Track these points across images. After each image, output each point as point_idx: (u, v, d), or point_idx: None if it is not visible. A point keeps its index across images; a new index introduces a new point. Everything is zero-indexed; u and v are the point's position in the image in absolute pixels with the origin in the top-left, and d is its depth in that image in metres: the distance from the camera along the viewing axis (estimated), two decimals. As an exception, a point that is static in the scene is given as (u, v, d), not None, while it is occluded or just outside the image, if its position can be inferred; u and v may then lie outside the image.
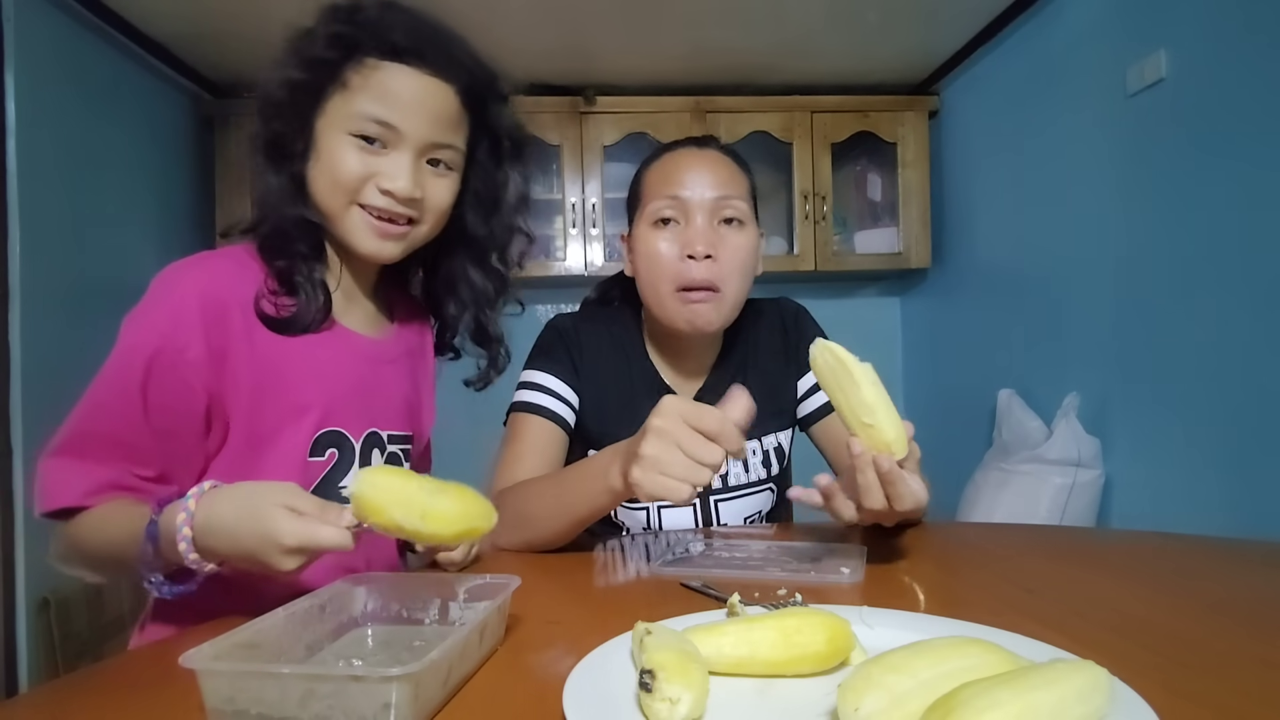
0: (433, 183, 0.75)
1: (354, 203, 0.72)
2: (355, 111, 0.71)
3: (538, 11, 2.03)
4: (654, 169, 0.98)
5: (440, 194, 0.76)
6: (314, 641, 0.51)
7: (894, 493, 0.65)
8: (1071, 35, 1.89)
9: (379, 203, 0.72)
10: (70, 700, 0.49)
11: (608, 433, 0.97)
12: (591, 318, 1.06)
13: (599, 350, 1.01)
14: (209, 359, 0.67)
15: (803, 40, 2.26)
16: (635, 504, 0.99)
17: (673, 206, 0.93)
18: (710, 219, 0.92)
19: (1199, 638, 0.52)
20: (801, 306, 1.09)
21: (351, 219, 0.73)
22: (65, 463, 0.65)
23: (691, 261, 0.91)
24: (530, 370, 0.99)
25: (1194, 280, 1.53)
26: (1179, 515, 1.57)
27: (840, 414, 0.67)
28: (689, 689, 0.39)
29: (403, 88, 0.71)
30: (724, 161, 0.96)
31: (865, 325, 2.85)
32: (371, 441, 0.79)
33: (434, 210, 0.76)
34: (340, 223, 0.73)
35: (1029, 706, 0.34)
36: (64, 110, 1.83)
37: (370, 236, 0.73)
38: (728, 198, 0.93)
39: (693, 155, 0.96)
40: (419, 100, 0.72)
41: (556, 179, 2.49)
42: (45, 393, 1.72)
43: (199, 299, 0.67)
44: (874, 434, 0.64)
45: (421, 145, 0.73)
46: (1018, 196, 2.13)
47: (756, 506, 1.03)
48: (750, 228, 0.95)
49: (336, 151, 0.71)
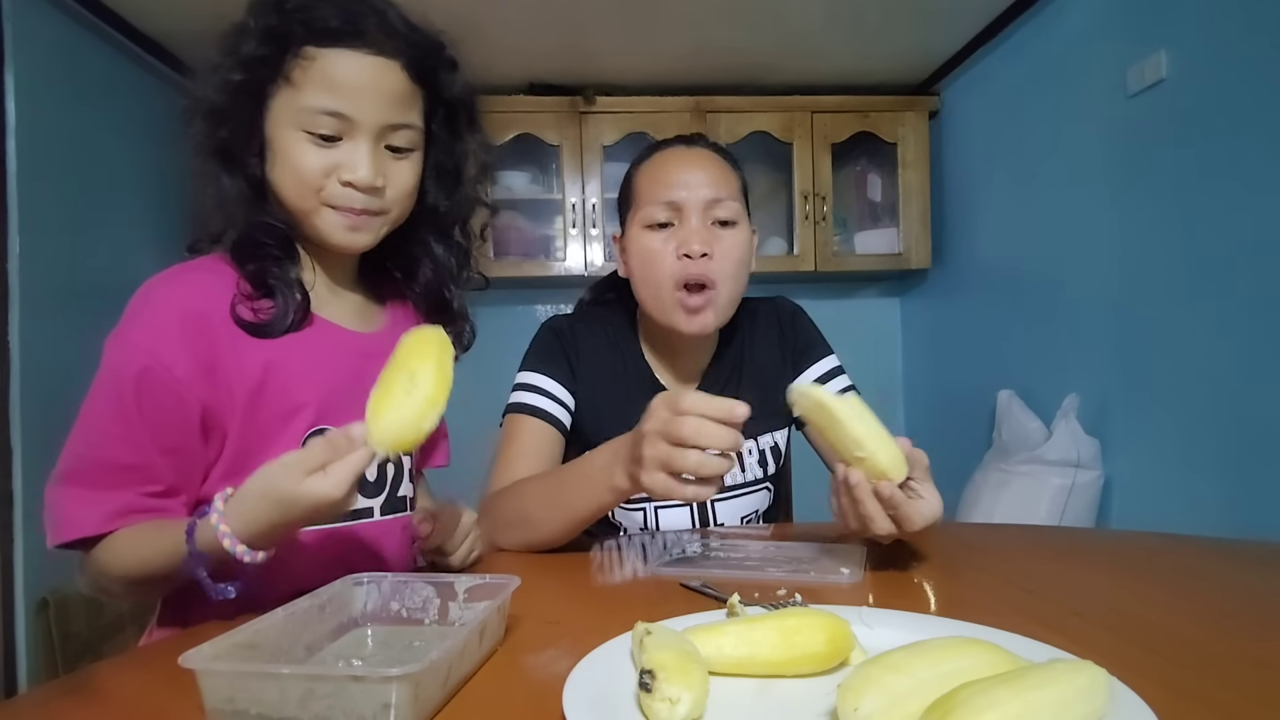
0: (395, 167, 0.73)
1: (324, 204, 0.71)
2: (303, 106, 0.68)
3: (538, 11, 2.03)
4: (645, 170, 0.97)
5: (404, 178, 0.74)
6: (314, 642, 0.51)
7: (900, 515, 0.65)
8: (1071, 35, 1.89)
9: (343, 200, 0.71)
10: (70, 700, 0.49)
11: (604, 433, 0.96)
12: (587, 318, 1.06)
13: (595, 351, 1.01)
14: (198, 372, 0.67)
15: (803, 40, 2.26)
16: (633, 504, 0.99)
17: (667, 210, 0.93)
18: (704, 219, 0.93)
19: (1198, 638, 0.52)
20: (797, 305, 1.10)
21: (322, 216, 0.72)
22: (76, 492, 0.65)
23: (688, 260, 0.91)
24: (526, 372, 0.99)
25: (1194, 281, 1.53)
26: (1178, 516, 1.57)
27: (833, 450, 0.66)
28: (689, 689, 0.39)
29: (347, 73, 0.69)
30: (715, 161, 0.96)
31: (865, 326, 2.85)
32: None
33: (399, 197, 0.75)
34: (310, 221, 0.72)
35: (1028, 706, 0.34)
36: (64, 110, 1.83)
37: (341, 229, 0.72)
38: (721, 199, 0.93)
39: (684, 156, 0.96)
40: (367, 83, 0.69)
41: (556, 179, 2.49)
42: (45, 393, 1.72)
43: (180, 314, 0.67)
44: (868, 465, 0.64)
45: (378, 129, 0.70)
46: (1018, 196, 2.13)
47: (753, 506, 1.03)
48: (743, 226, 0.95)
49: (293, 151, 0.69)
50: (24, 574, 1.67)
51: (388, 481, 0.80)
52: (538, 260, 2.48)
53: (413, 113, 0.74)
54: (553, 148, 2.46)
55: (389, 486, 0.80)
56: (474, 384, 1.38)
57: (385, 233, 0.76)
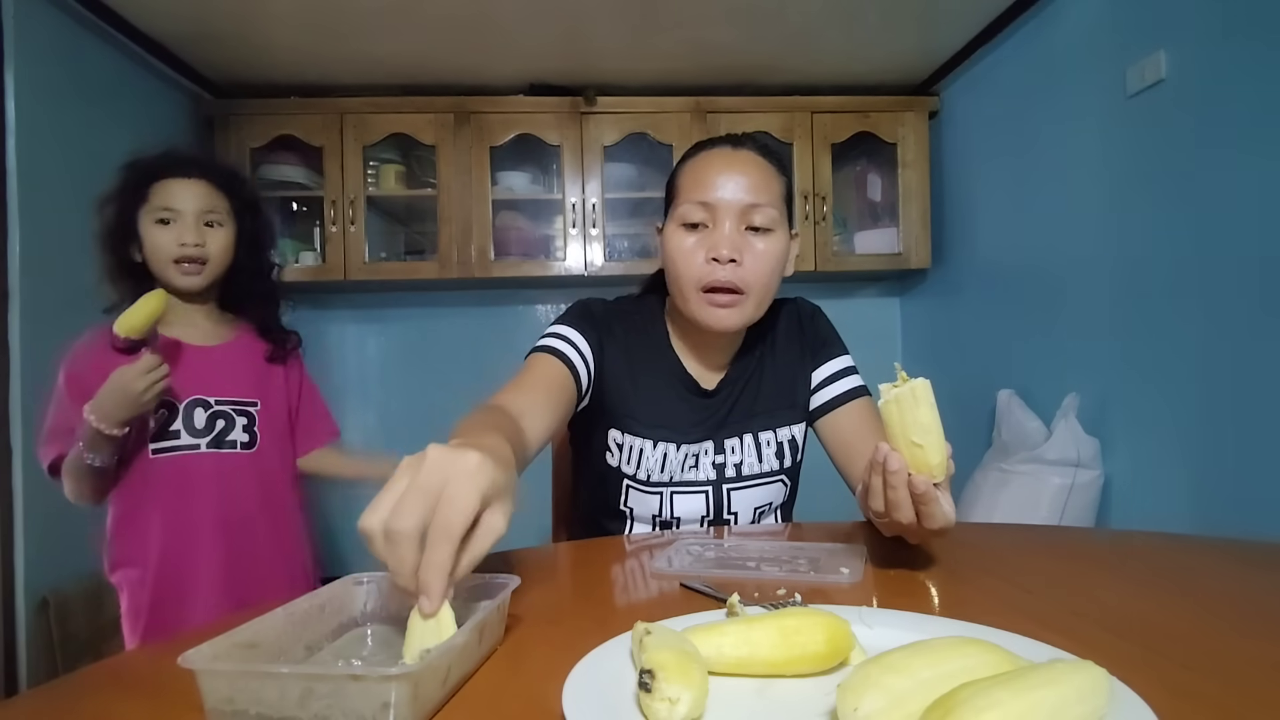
0: (211, 234, 1.23)
1: (170, 260, 1.20)
2: (155, 206, 1.21)
3: (538, 11, 2.03)
4: (688, 167, 0.98)
5: (217, 240, 1.23)
6: (313, 641, 0.51)
7: (926, 512, 0.65)
8: (1071, 35, 1.90)
9: (178, 255, 1.20)
10: (70, 700, 0.49)
11: (629, 413, 0.99)
12: (619, 300, 1.08)
13: (624, 332, 1.02)
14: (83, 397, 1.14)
15: (803, 40, 2.26)
16: (649, 489, 1.00)
17: (701, 211, 0.93)
18: (738, 224, 0.92)
19: (1199, 638, 0.52)
20: (817, 306, 1.12)
21: (168, 271, 1.21)
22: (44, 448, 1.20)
23: (715, 264, 0.91)
24: (552, 326, 0.99)
25: (1193, 281, 1.53)
26: (1179, 515, 1.57)
27: (889, 430, 0.66)
28: (689, 689, 0.38)
29: (179, 189, 1.22)
30: (757, 165, 0.95)
31: (865, 325, 2.85)
32: (194, 404, 1.22)
33: (216, 254, 1.23)
34: (162, 275, 1.22)
35: (1028, 706, 0.34)
36: (64, 110, 1.83)
37: (177, 275, 1.21)
38: (757, 205, 0.92)
39: (726, 158, 0.95)
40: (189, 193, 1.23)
41: (556, 179, 2.49)
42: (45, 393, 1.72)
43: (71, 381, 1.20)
44: (920, 455, 0.64)
45: (197, 214, 1.22)
46: (1018, 196, 2.13)
47: (768, 498, 1.03)
48: (779, 233, 0.94)
49: (149, 235, 1.21)
50: (24, 574, 1.67)
51: (215, 429, 1.24)
52: (538, 260, 2.48)
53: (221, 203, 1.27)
54: (553, 148, 2.46)
55: (215, 433, 1.24)
56: (475, 383, 1.39)
57: (211, 279, 1.25)
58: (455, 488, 0.47)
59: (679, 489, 1.00)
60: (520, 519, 0.54)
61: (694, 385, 1.02)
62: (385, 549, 0.46)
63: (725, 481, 1.01)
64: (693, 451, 1.00)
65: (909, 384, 0.65)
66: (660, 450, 0.99)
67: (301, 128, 2.38)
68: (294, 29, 2.10)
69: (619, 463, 1.00)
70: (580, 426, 1.06)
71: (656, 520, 1.01)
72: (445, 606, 0.46)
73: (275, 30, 2.10)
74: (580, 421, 1.03)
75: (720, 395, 1.02)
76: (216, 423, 1.24)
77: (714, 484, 1.01)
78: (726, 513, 1.02)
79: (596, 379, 0.99)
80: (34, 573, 1.69)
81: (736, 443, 1.02)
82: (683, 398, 1.01)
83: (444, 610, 0.46)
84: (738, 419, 1.02)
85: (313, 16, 2.03)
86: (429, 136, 2.41)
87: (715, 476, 1.01)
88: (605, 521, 1.04)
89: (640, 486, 1.00)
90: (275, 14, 2.01)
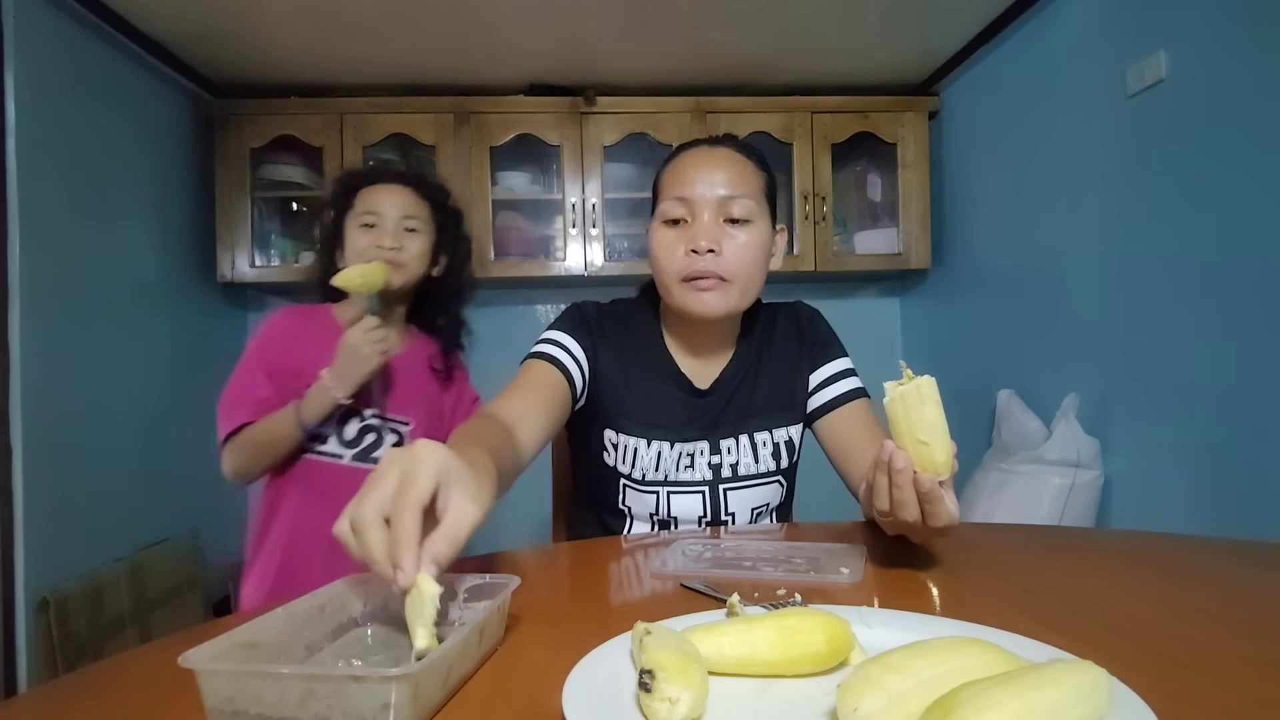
0: (410, 239, 1.24)
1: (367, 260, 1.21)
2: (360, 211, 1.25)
3: (538, 11, 2.03)
4: (668, 168, 1.00)
5: (415, 245, 1.25)
6: (314, 641, 0.51)
7: (931, 511, 0.65)
8: (1071, 36, 1.90)
9: (374, 256, 1.21)
10: (70, 700, 0.49)
11: (623, 412, 1.00)
12: (614, 303, 1.09)
13: (618, 333, 1.03)
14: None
15: (803, 40, 2.26)
16: (645, 488, 1.00)
17: (681, 206, 0.95)
18: (716, 216, 0.94)
19: (1199, 638, 0.52)
20: (816, 310, 1.13)
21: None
22: (222, 415, 1.16)
23: (695, 255, 0.93)
24: (547, 331, 1.01)
25: (1193, 281, 1.53)
26: (1179, 515, 1.57)
27: (894, 427, 0.66)
28: (689, 689, 0.39)
29: (382, 195, 1.25)
30: (733, 160, 0.97)
31: (865, 325, 2.85)
32: (349, 413, 1.21)
33: (413, 257, 1.24)
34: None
35: (1028, 706, 0.34)
36: (64, 110, 1.83)
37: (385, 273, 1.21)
38: (733, 197, 0.94)
39: (702, 155, 0.98)
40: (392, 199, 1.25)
41: (556, 179, 2.49)
42: (45, 393, 1.72)
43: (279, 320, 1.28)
44: (925, 453, 0.63)
45: (397, 219, 1.24)
46: (1018, 197, 2.13)
47: (765, 499, 1.03)
48: (758, 224, 0.96)
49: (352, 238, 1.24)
50: (24, 574, 1.67)
51: (362, 443, 1.21)
52: (538, 260, 2.48)
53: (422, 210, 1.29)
54: (553, 148, 2.46)
55: (362, 447, 1.21)
56: (475, 382, 1.39)
57: (405, 280, 1.24)
58: (407, 467, 0.50)
59: (675, 488, 1.01)
60: (520, 514, 0.54)
61: (688, 385, 1.02)
62: (356, 542, 0.48)
63: (722, 482, 1.01)
64: (687, 451, 1.01)
65: (914, 381, 0.65)
66: (654, 449, 0.99)
67: (301, 128, 2.38)
68: (294, 29, 2.10)
69: (615, 462, 1.01)
70: (577, 427, 1.06)
71: (654, 519, 1.02)
72: (426, 578, 0.47)
73: (275, 30, 2.10)
74: (577, 422, 1.03)
75: (714, 395, 1.03)
76: (366, 436, 1.21)
77: (710, 484, 1.01)
78: (724, 513, 1.02)
79: (591, 381, 1.00)
80: (34, 573, 1.69)
81: (732, 443, 1.02)
82: (676, 397, 1.02)
83: (424, 580, 0.47)
84: (733, 419, 1.03)
85: (313, 16, 2.03)
86: (429, 136, 2.41)
87: (711, 477, 1.01)
88: (606, 519, 1.05)
89: (636, 485, 1.00)
90: (275, 14, 2.01)
